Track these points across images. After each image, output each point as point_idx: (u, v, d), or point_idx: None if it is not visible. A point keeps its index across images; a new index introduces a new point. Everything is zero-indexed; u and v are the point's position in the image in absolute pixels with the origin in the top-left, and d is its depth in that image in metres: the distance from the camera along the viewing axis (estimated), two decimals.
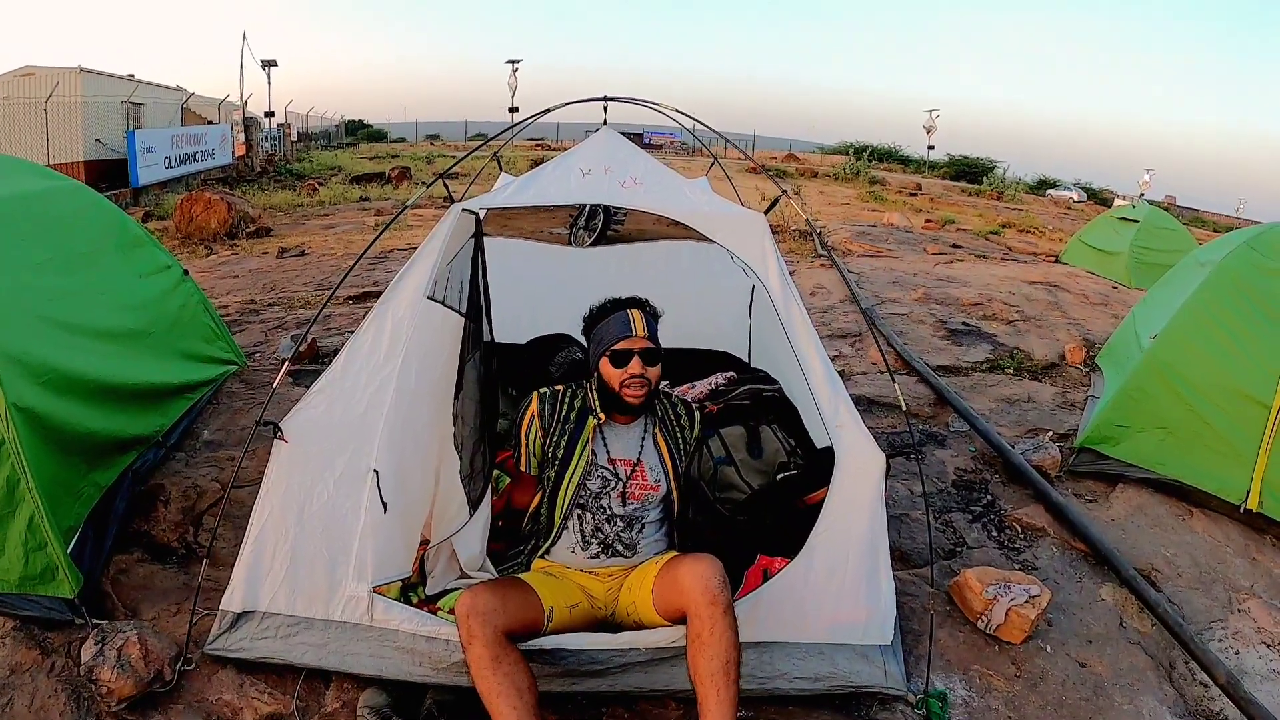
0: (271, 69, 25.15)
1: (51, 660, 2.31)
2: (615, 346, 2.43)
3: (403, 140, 45.01)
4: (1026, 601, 2.84)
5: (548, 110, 3.33)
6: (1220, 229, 26.93)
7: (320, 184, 17.64)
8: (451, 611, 2.40)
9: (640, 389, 2.43)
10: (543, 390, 2.57)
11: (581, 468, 2.49)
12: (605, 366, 2.45)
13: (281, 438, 2.36)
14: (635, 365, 2.41)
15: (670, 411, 2.67)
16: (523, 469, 2.59)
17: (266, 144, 24.91)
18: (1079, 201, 32.84)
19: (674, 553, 2.47)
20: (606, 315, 2.52)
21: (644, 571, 2.40)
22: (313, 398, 2.42)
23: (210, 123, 21.22)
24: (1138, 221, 11.20)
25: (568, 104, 3.20)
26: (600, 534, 2.48)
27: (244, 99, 23.21)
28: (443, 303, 2.59)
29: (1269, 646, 3.09)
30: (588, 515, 2.48)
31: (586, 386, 2.58)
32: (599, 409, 2.51)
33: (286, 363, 2.61)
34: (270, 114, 25.99)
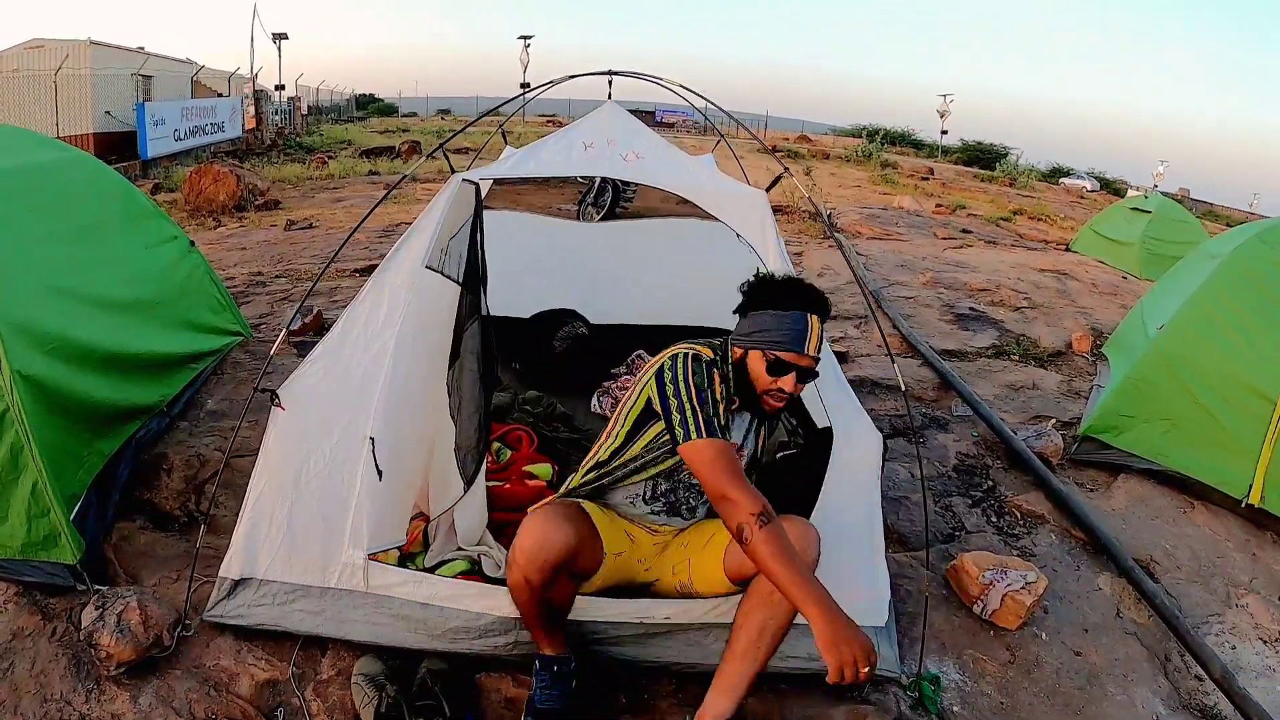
0: (282, 42, 25.03)
1: (53, 625, 2.34)
2: (781, 355, 2.11)
3: (413, 115, 44.85)
4: (1023, 588, 2.84)
5: (552, 83, 3.33)
6: (1234, 223, 26.73)
7: (330, 157, 17.67)
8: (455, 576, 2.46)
9: (781, 403, 2.17)
10: (703, 358, 2.15)
11: None
12: (757, 362, 2.14)
13: (279, 405, 2.38)
14: (789, 382, 2.12)
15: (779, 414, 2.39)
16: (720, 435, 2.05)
17: (276, 117, 24.87)
18: (1092, 191, 32.63)
19: None
20: (784, 303, 2.15)
21: (700, 531, 2.33)
22: (310, 366, 2.44)
23: (220, 96, 21.25)
24: (1150, 212, 11.19)
25: (571, 77, 3.20)
26: (672, 495, 2.33)
27: (254, 72, 23.21)
28: (440, 272, 2.60)
29: (1265, 643, 3.10)
30: (662, 478, 2.30)
31: (717, 360, 2.20)
32: (732, 391, 2.21)
33: (285, 330, 2.62)
34: (280, 87, 25.92)
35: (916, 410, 4.61)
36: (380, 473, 2.33)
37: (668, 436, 2.11)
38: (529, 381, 4.08)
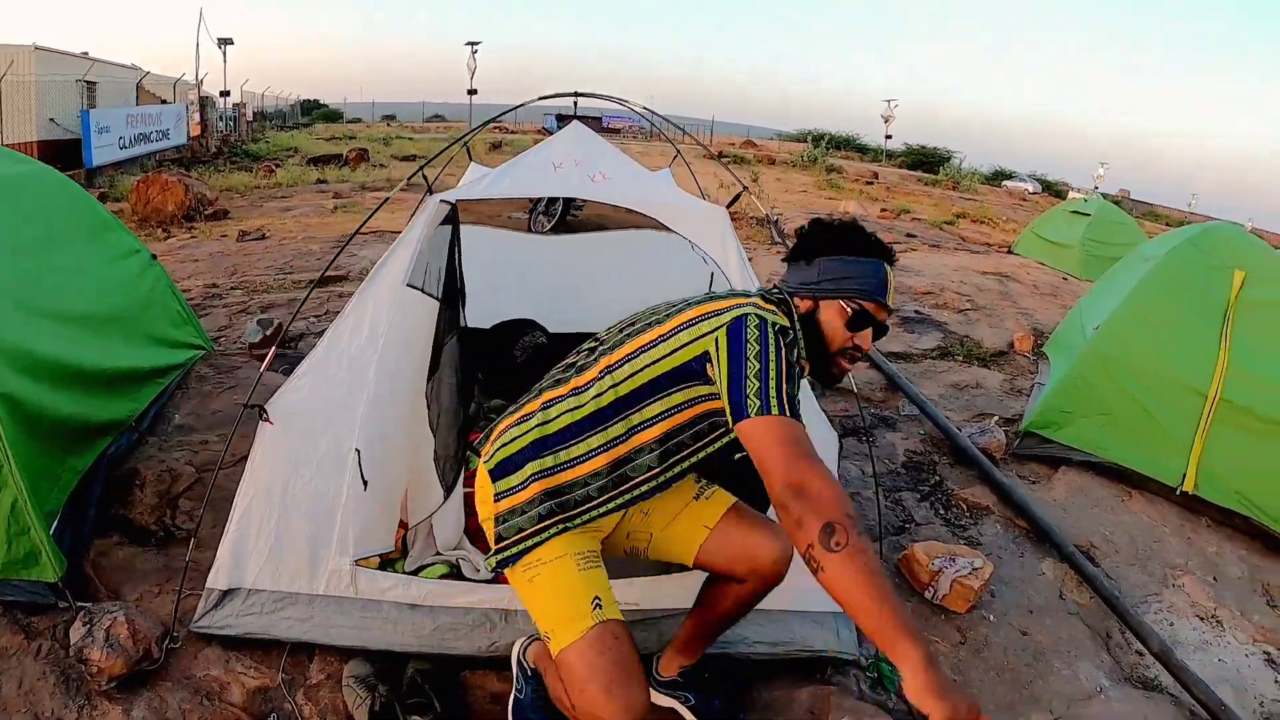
0: (227, 47, 24.63)
1: (38, 644, 2.35)
2: (866, 305, 1.83)
3: (359, 121, 44.33)
4: (970, 573, 3.01)
5: (522, 104, 3.45)
6: (1173, 223, 27.68)
7: (277, 165, 17.37)
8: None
9: (852, 366, 1.89)
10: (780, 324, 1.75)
11: None
12: (835, 315, 1.83)
13: (267, 420, 2.44)
14: (867, 339, 1.85)
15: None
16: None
17: (221, 124, 24.42)
18: (1034, 193, 33.51)
19: (722, 494, 2.10)
20: (859, 249, 1.88)
21: (664, 505, 2.05)
22: (296, 381, 2.50)
23: (165, 102, 20.73)
24: (1089, 215, 11.52)
25: (543, 98, 3.31)
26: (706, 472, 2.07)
27: (199, 78, 22.70)
28: (420, 289, 2.69)
29: (1201, 619, 3.29)
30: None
31: (793, 330, 1.85)
32: (803, 355, 1.87)
33: (273, 348, 2.68)
34: (226, 93, 25.47)
35: (866, 410, 4.74)
36: (365, 483, 2.41)
37: (701, 408, 1.78)
38: (493, 390, 4.15)
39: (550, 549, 1.81)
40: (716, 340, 1.68)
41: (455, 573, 2.67)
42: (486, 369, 4.24)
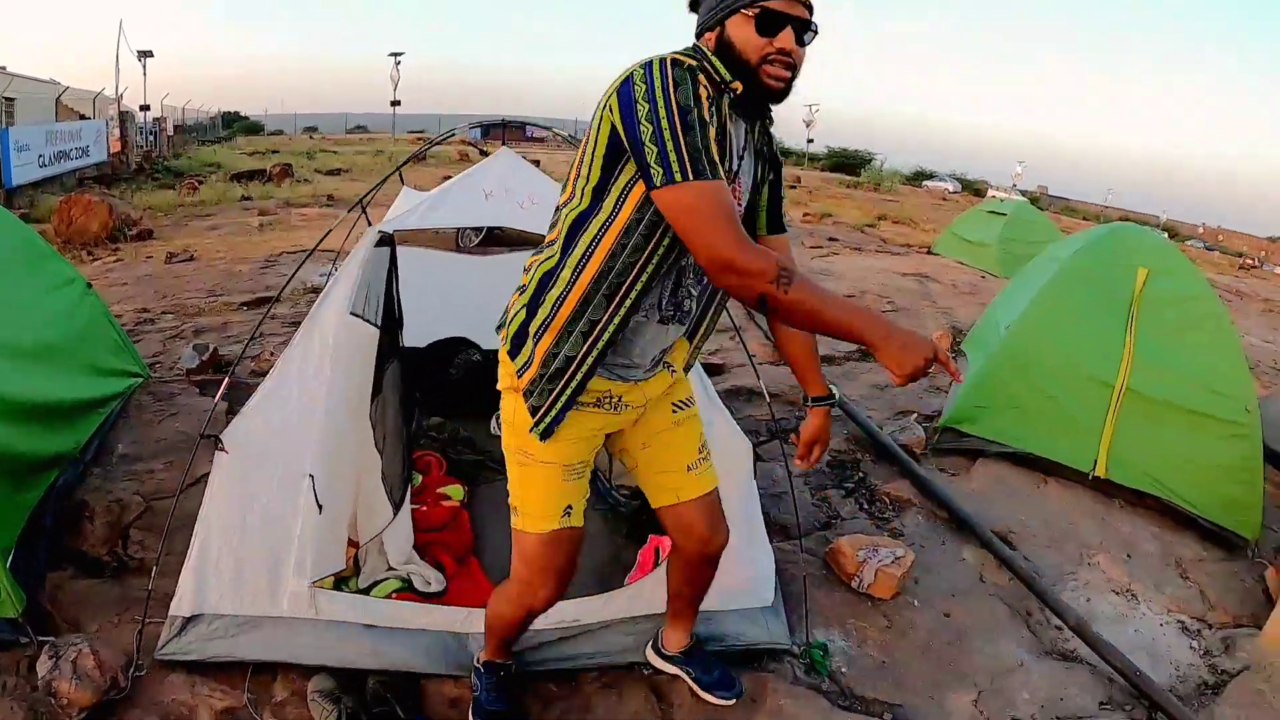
0: (147, 60, 23.94)
1: (3, 680, 2.37)
2: (768, 4, 1.64)
3: (281, 133, 43.50)
4: (893, 562, 3.18)
5: (452, 133, 3.58)
6: (1090, 217, 28.75)
7: (200, 182, 17.03)
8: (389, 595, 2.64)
9: (787, 73, 1.68)
10: (681, 60, 1.62)
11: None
12: (741, 27, 1.66)
13: (223, 449, 2.53)
14: (788, 39, 1.65)
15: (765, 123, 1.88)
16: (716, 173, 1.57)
17: (142, 139, 23.78)
18: (954, 193, 34.42)
19: (708, 478, 2.17)
20: None
21: (675, 453, 2.11)
22: (250, 410, 2.59)
23: (84, 118, 20.10)
24: (1006, 215, 11.94)
25: (473, 126, 3.45)
26: (681, 289, 1.88)
27: (119, 92, 22.05)
28: (362, 317, 2.80)
29: (1117, 594, 3.47)
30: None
31: (697, 52, 1.70)
32: (726, 80, 1.68)
33: (227, 378, 2.73)
34: (146, 108, 24.76)
35: (790, 413, 4.87)
36: (320, 506, 2.50)
37: (633, 196, 1.67)
38: (430, 408, 4.23)
39: (549, 450, 1.88)
40: (611, 108, 1.60)
41: (408, 586, 2.78)
42: (424, 388, 4.32)
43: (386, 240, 3.02)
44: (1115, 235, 4.98)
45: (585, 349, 1.76)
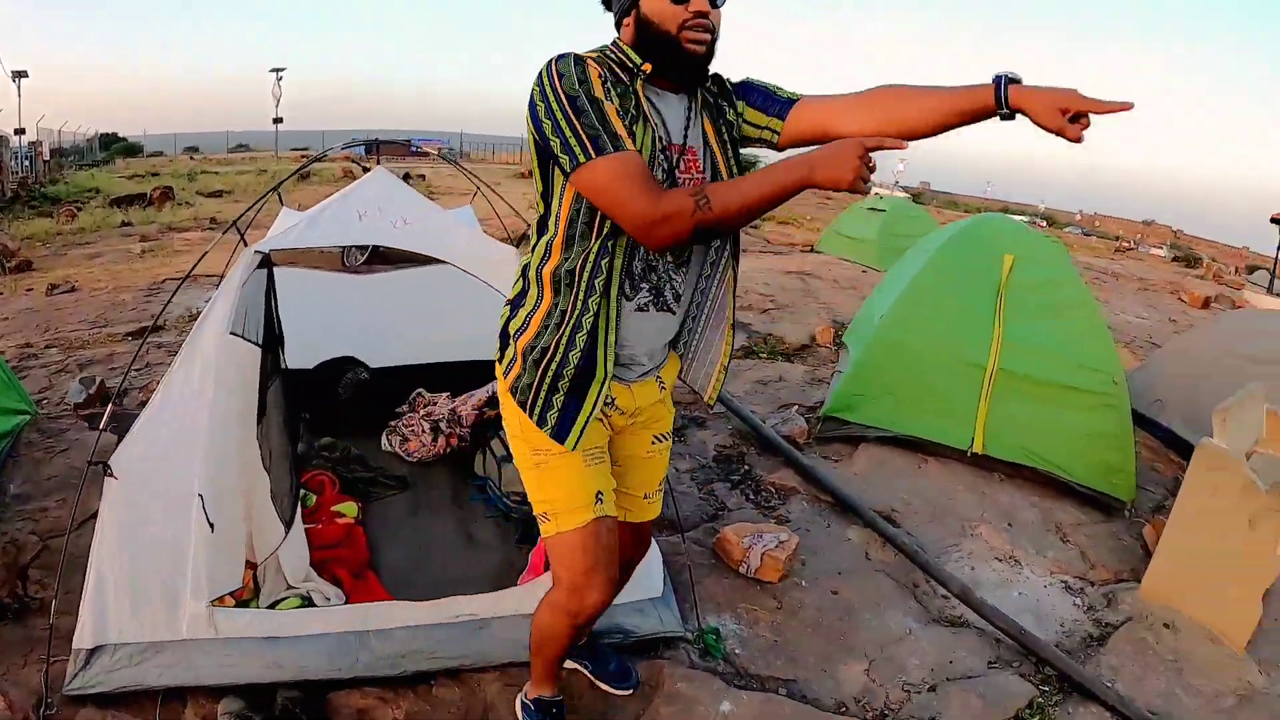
0: (22, 81, 22.70)
1: None
2: None
3: (160, 154, 41.67)
4: (777, 546, 3.32)
5: (328, 151, 3.61)
6: (971, 209, 30.06)
7: (79, 208, 16.31)
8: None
9: (706, 35, 1.74)
10: (570, 53, 1.73)
11: (647, 149, 1.75)
12: (653, 4, 1.73)
13: (111, 475, 2.51)
14: (701, 1, 1.71)
15: (711, 85, 1.91)
16: (629, 147, 1.66)
17: (16, 164, 22.54)
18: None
19: (652, 509, 2.29)
20: None
21: (642, 442, 2.18)
22: (134, 436, 2.57)
23: None
24: (885, 210, 12.48)
25: (359, 144, 3.48)
26: (653, 273, 1.88)
27: None
28: (243, 336, 2.80)
29: (1000, 560, 3.65)
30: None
31: (609, 47, 1.81)
32: (639, 60, 1.77)
33: (110, 407, 2.70)
34: (21, 131, 23.45)
35: (676, 412, 5.05)
36: (212, 526, 2.50)
37: (572, 187, 1.74)
38: (320, 429, 4.21)
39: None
40: (527, 119, 1.72)
41: (308, 603, 2.78)
42: (313, 407, 4.31)
43: (266, 261, 3.03)
44: (981, 225, 5.23)
45: (559, 337, 1.83)
